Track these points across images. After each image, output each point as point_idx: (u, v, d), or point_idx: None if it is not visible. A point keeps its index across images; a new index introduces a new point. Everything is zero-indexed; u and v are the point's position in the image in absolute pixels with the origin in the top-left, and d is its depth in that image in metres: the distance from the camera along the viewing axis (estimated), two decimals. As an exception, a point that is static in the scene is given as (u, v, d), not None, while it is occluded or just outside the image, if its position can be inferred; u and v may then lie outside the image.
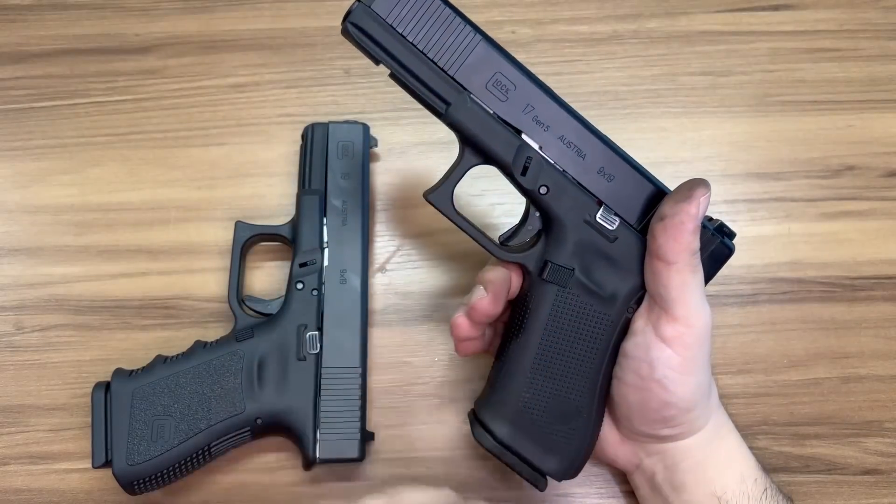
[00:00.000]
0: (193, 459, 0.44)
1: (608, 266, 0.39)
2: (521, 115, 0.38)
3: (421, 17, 0.37)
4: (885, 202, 0.54)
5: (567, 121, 0.38)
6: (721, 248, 0.39)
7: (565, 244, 0.39)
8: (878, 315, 0.51)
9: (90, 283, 0.52)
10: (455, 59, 0.37)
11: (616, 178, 0.39)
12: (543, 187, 0.38)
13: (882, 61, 0.57)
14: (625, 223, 0.39)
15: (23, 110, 0.56)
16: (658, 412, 0.38)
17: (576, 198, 0.38)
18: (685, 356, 0.37)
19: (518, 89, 0.38)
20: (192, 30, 0.58)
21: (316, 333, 0.47)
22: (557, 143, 0.38)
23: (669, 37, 0.58)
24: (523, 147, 0.38)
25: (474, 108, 0.37)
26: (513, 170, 0.38)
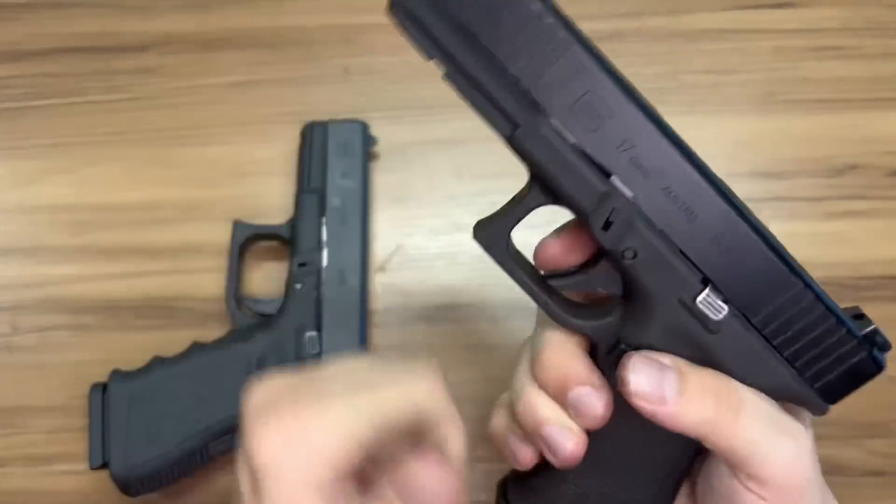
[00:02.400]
0: (191, 461, 0.44)
1: (700, 360, 0.29)
2: (615, 153, 0.28)
3: (492, 4, 0.27)
4: (889, 201, 0.54)
5: (678, 167, 0.28)
6: (866, 364, 0.30)
7: (648, 325, 0.29)
8: (883, 315, 0.51)
9: (87, 283, 0.51)
10: (534, 65, 0.27)
11: (735, 252, 0.28)
12: (630, 251, 0.28)
13: (887, 59, 0.57)
14: (735, 312, 0.29)
15: (19, 109, 0.56)
16: None
17: (673, 271, 0.28)
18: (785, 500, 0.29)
19: (616, 118, 0.28)
20: (190, 28, 0.58)
21: (315, 334, 0.46)
22: (660, 197, 0.28)
23: (672, 35, 0.58)
24: (610, 194, 0.28)
25: (550, 135, 0.27)
26: (590, 222, 0.28)
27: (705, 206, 0.28)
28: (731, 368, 0.29)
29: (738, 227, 0.28)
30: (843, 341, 0.29)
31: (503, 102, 0.27)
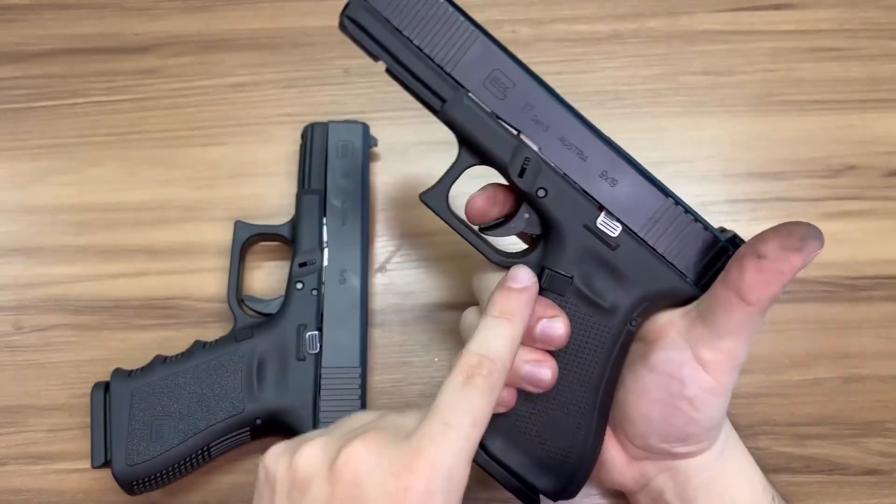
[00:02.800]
0: (193, 460, 0.44)
1: (609, 275, 0.37)
2: (520, 115, 0.36)
3: (418, 11, 0.36)
4: (886, 202, 0.54)
5: (568, 121, 0.36)
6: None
7: (564, 251, 0.37)
8: (879, 315, 0.51)
9: (89, 283, 0.52)
10: (452, 55, 0.36)
11: (619, 183, 0.37)
12: (541, 190, 0.36)
13: (883, 60, 0.57)
14: (628, 230, 0.37)
15: (22, 110, 0.56)
16: (682, 429, 0.37)
17: (575, 202, 0.37)
18: (719, 381, 0.36)
19: (517, 87, 0.36)
20: (191, 29, 0.58)
21: (316, 333, 0.47)
22: (558, 145, 0.36)
23: (670, 36, 0.58)
24: (521, 147, 0.36)
25: (471, 105, 0.36)
26: (509, 171, 0.36)
27: (592, 150, 0.37)
28: (633, 278, 0.37)
29: (618, 163, 0.37)
30: (712, 245, 0.37)
31: (432, 84, 0.36)
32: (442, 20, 0.36)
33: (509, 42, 0.36)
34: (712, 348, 0.35)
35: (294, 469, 0.31)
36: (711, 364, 0.36)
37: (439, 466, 0.29)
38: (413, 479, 0.28)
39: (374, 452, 0.29)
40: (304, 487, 0.30)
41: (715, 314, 0.35)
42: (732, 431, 0.41)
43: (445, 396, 0.31)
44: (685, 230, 0.37)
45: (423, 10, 0.36)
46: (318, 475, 0.30)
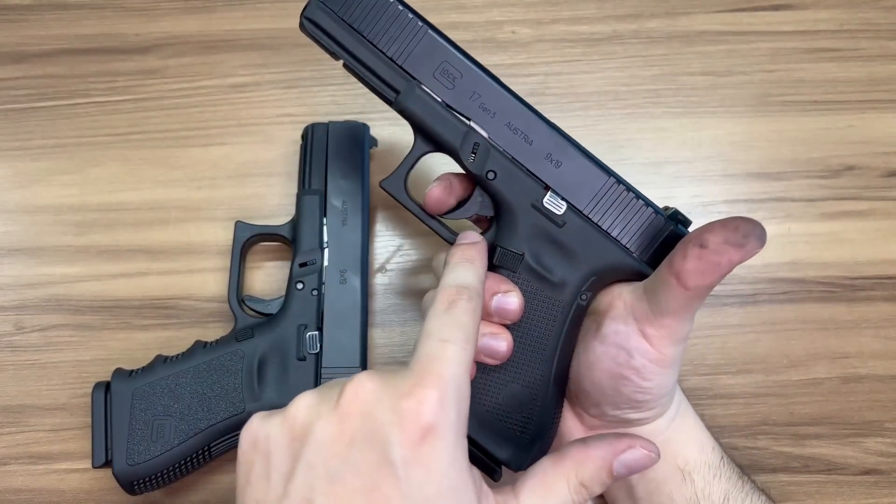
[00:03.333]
0: (193, 459, 0.44)
1: (557, 251, 0.39)
2: (468, 103, 0.39)
3: (370, 9, 0.38)
4: (885, 202, 0.54)
5: (513, 107, 0.39)
6: (674, 236, 0.39)
7: (514, 229, 0.39)
8: (877, 315, 0.51)
9: (90, 283, 0.52)
10: (403, 49, 0.38)
11: (563, 164, 0.39)
12: (491, 172, 0.39)
13: (882, 61, 0.57)
14: (573, 208, 0.39)
15: (23, 110, 0.56)
16: (631, 397, 0.38)
17: (523, 182, 0.39)
18: (663, 353, 0.37)
19: (464, 77, 0.38)
20: (192, 30, 0.58)
21: (316, 333, 0.47)
22: (504, 130, 0.39)
23: (670, 37, 0.58)
24: (470, 133, 0.39)
25: (422, 95, 0.38)
26: (461, 155, 0.39)
27: (537, 133, 0.39)
28: (580, 255, 0.39)
29: (562, 145, 0.39)
30: (654, 221, 0.39)
31: (386, 77, 0.39)
32: (392, 18, 0.38)
33: (509, 42, 0.37)
34: (654, 325, 0.37)
35: (291, 420, 0.30)
36: (654, 338, 0.37)
37: (447, 376, 0.29)
38: (425, 392, 0.28)
39: (378, 382, 0.29)
40: (306, 434, 0.29)
41: (657, 293, 0.36)
42: (684, 399, 0.42)
43: (433, 321, 0.31)
44: (628, 207, 0.39)
45: (375, 9, 0.38)
46: (322, 416, 0.29)
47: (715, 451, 0.41)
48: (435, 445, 0.28)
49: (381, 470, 0.27)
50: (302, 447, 0.29)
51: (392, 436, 0.28)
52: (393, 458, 0.27)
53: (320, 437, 0.28)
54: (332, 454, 0.28)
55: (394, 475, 0.27)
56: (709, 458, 0.41)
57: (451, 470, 0.28)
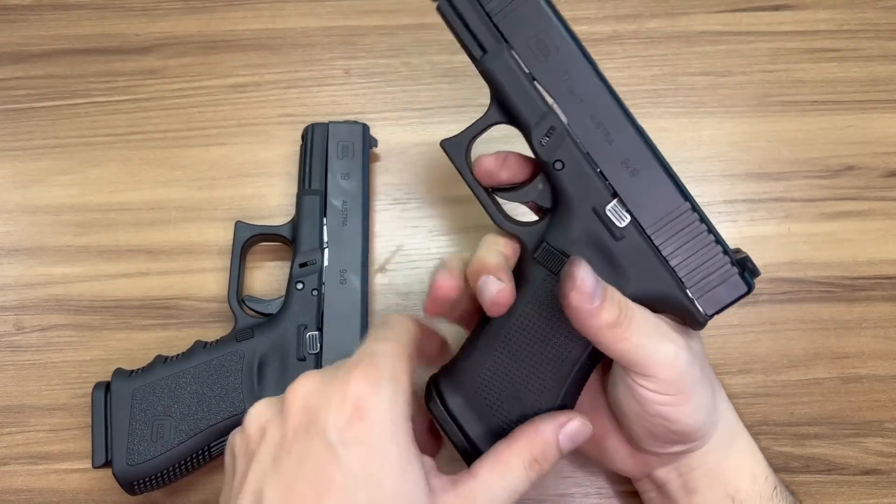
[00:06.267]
0: (193, 459, 0.44)
1: (606, 264, 0.36)
2: (557, 81, 0.35)
3: None
4: (884, 202, 0.54)
5: (603, 99, 0.35)
6: (739, 284, 0.36)
7: (567, 229, 0.36)
8: (877, 315, 0.51)
9: (90, 283, 0.52)
10: (503, 6, 0.35)
11: (639, 174, 0.35)
12: (559, 162, 0.36)
13: (882, 61, 0.57)
14: (636, 224, 0.36)
15: (23, 110, 0.56)
16: (666, 437, 0.37)
17: (590, 182, 0.36)
18: (672, 392, 0.35)
19: (560, 53, 0.35)
20: (192, 30, 0.58)
21: (316, 333, 0.47)
22: (587, 121, 0.35)
23: (669, 37, 0.58)
24: (549, 115, 0.36)
25: (510, 61, 0.35)
26: (532, 135, 0.36)
27: (620, 134, 0.36)
28: (630, 273, 0.36)
29: (644, 154, 0.36)
30: (720, 261, 0.36)
31: (477, 31, 0.36)
32: None
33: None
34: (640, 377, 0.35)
35: (247, 428, 0.32)
36: (652, 389, 0.35)
37: (378, 363, 0.31)
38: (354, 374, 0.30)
39: (316, 378, 0.31)
40: (259, 438, 0.31)
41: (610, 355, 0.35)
42: (737, 421, 0.41)
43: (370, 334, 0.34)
44: (695, 239, 0.36)
45: None
46: (271, 420, 0.31)
47: (768, 480, 0.40)
48: (371, 424, 0.29)
49: (323, 454, 0.29)
50: (256, 449, 0.31)
51: (328, 421, 0.29)
52: (332, 441, 0.29)
53: (269, 437, 0.31)
54: (280, 449, 0.30)
55: (334, 457, 0.29)
56: (761, 488, 0.39)
57: (392, 447, 0.30)
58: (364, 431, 0.29)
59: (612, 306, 0.33)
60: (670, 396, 0.35)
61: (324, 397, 0.30)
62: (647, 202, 0.36)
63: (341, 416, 0.29)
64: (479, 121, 0.37)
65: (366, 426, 0.29)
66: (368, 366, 0.31)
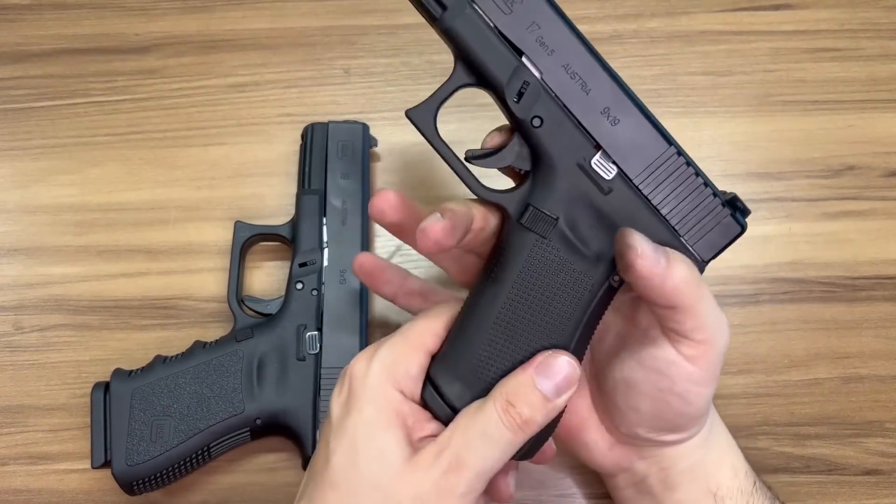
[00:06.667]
0: (193, 460, 0.44)
1: (597, 221, 0.34)
2: (525, 34, 0.33)
3: None
4: (885, 202, 0.54)
5: (575, 48, 0.33)
6: (731, 224, 0.35)
7: (552, 188, 0.34)
8: (878, 315, 0.51)
9: (90, 283, 0.52)
10: None
11: (621, 123, 0.34)
12: (537, 119, 0.34)
13: (883, 61, 0.57)
14: (623, 175, 0.34)
15: (22, 110, 0.56)
16: (672, 421, 0.37)
17: (572, 136, 0.34)
18: (708, 371, 0.35)
19: (525, 3, 0.33)
20: (191, 29, 0.58)
21: (316, 333, 0.47)
22: (561, 72, 0.33)
23: (670, 36, 0.58)
24: (521, 69, 0.33)
25: (473, 16, 0.33)
26: (506, 93, 0.33)
27: (597, 83, 0.34)
28: (622, 227, 0.33)
29: (623, 101, 0.34)
30: (711, 204, 0.34)
31: None
32: None
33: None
34: (690, 344, 0.34)
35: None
36: (696, 358, 0.34)
37: (387, 342, 0.35)
38: (360, 356, 0.35)
39: (363, 356, 0.35)
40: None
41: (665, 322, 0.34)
42: (716, 417, 0.41)
43: None
44: (684, 183, 0.34)
45: None
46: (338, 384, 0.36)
47: (748, 475, 0.40)
48: (354, 391, 0.34)
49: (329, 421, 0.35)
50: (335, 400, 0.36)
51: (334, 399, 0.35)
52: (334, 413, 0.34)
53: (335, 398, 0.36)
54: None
55: (329, 423, 0.34)
56: (742, 483, 0.39)
57: (368, 407, 0.33)
58: (348, 396, 0.34)
59: (680, 262, 0.33)
60: (703, 374, 0.35)
61: (360, 366, 0.35)
62: (632, 151, 0.34)
63: (341, 390, 0.35)
64: (445, 85, 0.35)
65: (352, 391, 0.34)
66: (375, 344, 0.35)
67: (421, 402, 0.35)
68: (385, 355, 0.34)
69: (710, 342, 0.34)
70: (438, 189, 0.54)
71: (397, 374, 0.34)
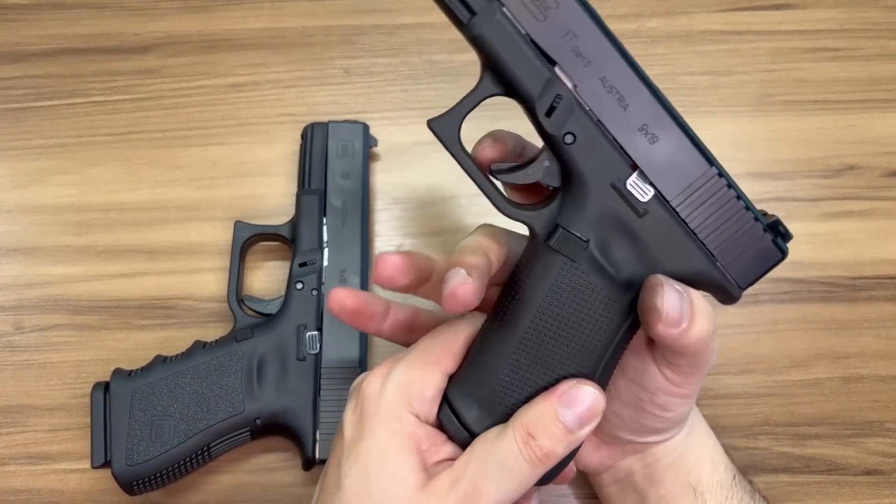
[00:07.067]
0: (193, 460, 0.44)
1: (630, 245, 0.32)
2: (559, 42, 0.31)
3: None
4: (886, 202, 0.54)
5: (614, 59, 0.31)
6: (772, 250, 0.33)
7: (584, 210, 0.32)
8: (879, 315, 0.51)
9: (89, 282, 0.52)
10: None
11: (660, 141, 0.31)
12: (570, 135, 0.31)
13: (883, 61, 0.57)
14: (660, 197, 0.32)
15: (22, 110, 0.56)
16: (651, 426, 0.38)
17: (607, 155, 0.31)
18: (689, 385, 0.35)
19: (560, 9, 0.31)
20: (191, 29, 0.58)
21: (316, 333, 0.47)
22: (597, 85, 0.31)
23: (670, 36, 0.58)
24: (554, 81, 0.31)
25: (503, 22, 0.30)
26: (537, 107, 0.31)
27: (635, 98, 0.31)
28: (657, 253, 0.32)
29: (662, 118, 0.31)
30: (752, 229, 0.33)
31: None
32: None
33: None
34: (672, 368, 0.34)
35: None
36: (675, 380, 0.35)
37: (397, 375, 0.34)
38: (373, 374, 0.34)
39: (377, 374, 0.34)
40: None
41: (664, 352, 0.34)
42: (697, 413, 0.41)
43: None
44: (724, 206, 0.32)
45: None
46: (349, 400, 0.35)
47: (727, 469, 0.40)
48: (367, 411, 0.33)
49: (341, 437, 0.34)
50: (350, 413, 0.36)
51: (346, 418, 0.35)
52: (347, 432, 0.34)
53: (348, 414, 0.35)
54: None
55: (341, 436, 0.34)
56: (721, 477, 0.39)
57: (381, 430, 0.33)
58: (361, 416, 0.33)
59: (701, 320, 0.32)
60: (684, 390, 0.35)
61: (371, 386, 0.34)
62: (670, 172, 0.32)
63: (354, 409, 0.34)
64: (471, 94, 0.32)
65: (365, 412, 0.33)
66: (390, 361, 0.34)
67: (437, 422, 0.34)
68: (400, 376, 0.33)
69: (695, 374, 0.34)
70: (438, 189, 0.54)
71: (412, 396, 0.33)
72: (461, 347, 0.34)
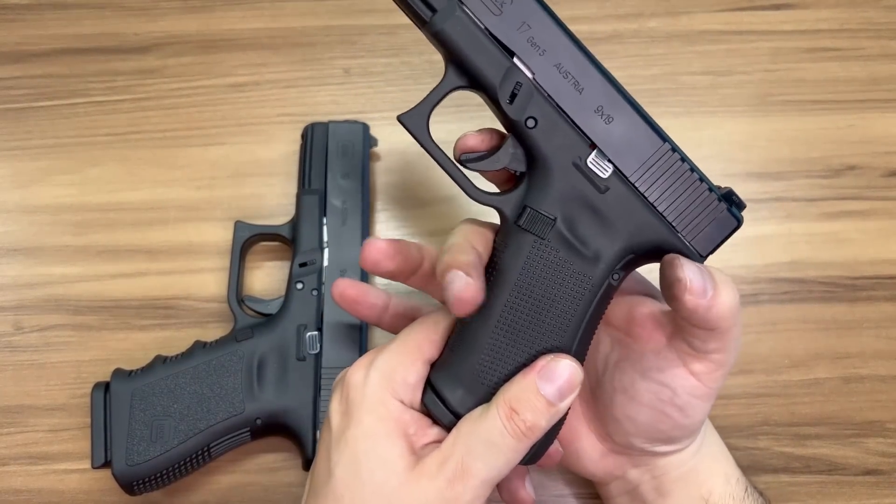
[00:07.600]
0: (193, 460, 0.44)
1: (595, 220, 0.34)
2: (515, 34, 0.33)
3: None
4: (886, 202, 0.54)
5: (567, 48, 0.33)
6: (728, 219, 0.35)
7: (549, 189, 0.34)
8: (879, 315, 0.51)
9: (89, 283, 0.52)
10: None
11: (615, 121, 0.34)
12: (531, 119, 0.34)
13: (883, 61, 0.57)
14: (619, 173, 0.34)
15: (22, 110, 0.56)
16: (667, 433, 0.37)
17: (567, 136, 0.34)
18: (712, 386, 0.35)
19: (515, 4, 0.33)
20: (191, 29, 0.58)
21: (316, 333, 0.47)
22: (553, 72, 0.33)
23: (670, 36, 0.58)
24: (513, 70, 0.33)
25: (463, 18, 0.33)
26: (499, 95, 0.33)
27: (589, 82, 0.34)
28: (619, 227, 0.34)
29: (616, 99, 0.34)
30: (707, 199, 0.35)
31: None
32: None
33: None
34: (701, 360, 0.35)
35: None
36: (702, 374, 0.35)
37: (385, 350, 0.35)
38: (356, 365, 0.35)
39: (360, 364, 0.35)
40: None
41: (695, 341, 0.34)
42: (709, 424, 0.41)
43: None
44: (679, 180, 0.34)
45: None
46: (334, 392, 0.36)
47: (739, 482, 0.40)
48: (353, 399, 0.34)
49: (329, 428, 0.35)
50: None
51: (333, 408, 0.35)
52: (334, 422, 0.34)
53: (333, 406, 0.36)
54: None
55: (329, 427, 0.35)
56: (733, 489, 0.39)
57: (367, 417, 0.33)
58: (347, 406, 0.34)
59: (726, 288, 0.33)
60: (707, 389, 0.35)
61: (355, 374, 0.35)
62: (627, 149, 0.34)
63: (340, 400, 0.34)
64: (437, 88, 0.35)
65: (350, 401, 0.34)
66: (373, 352, 0.35)
67: (422, 407, 0.35)
68: (383, 364, 0.34)
69: (724, 363, 0.35)
70: (438, 189, 0.54)
71: (395, 383, 0.34)
72: (442, 335, 0.35)
